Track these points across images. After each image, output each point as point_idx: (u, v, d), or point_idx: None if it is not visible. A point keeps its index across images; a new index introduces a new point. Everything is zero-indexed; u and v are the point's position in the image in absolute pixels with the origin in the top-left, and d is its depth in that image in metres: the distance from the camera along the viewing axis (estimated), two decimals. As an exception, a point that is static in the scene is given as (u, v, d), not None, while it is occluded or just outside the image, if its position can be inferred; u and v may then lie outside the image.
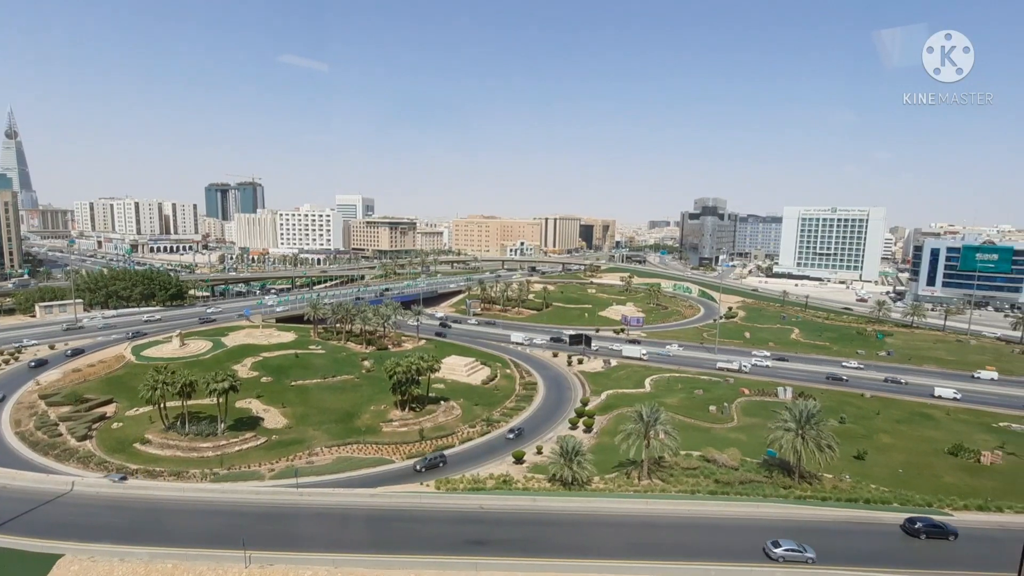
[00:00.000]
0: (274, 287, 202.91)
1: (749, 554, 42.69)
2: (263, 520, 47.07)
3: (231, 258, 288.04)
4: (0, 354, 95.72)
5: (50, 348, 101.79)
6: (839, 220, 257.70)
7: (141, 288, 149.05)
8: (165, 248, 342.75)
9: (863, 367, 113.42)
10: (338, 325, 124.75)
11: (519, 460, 64.65)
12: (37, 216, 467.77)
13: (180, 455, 64.88)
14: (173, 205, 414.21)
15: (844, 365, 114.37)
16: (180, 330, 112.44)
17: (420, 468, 61.72)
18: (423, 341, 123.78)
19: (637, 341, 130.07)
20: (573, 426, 77.13)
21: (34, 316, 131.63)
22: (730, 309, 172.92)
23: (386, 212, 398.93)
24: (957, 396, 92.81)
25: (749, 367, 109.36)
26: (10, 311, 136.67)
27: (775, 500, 53.52)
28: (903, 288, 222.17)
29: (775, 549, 42.42)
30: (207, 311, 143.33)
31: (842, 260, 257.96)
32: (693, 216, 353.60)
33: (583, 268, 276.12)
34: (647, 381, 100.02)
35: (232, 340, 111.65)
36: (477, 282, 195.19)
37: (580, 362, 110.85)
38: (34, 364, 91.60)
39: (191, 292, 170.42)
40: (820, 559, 41.87)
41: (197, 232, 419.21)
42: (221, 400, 69.81)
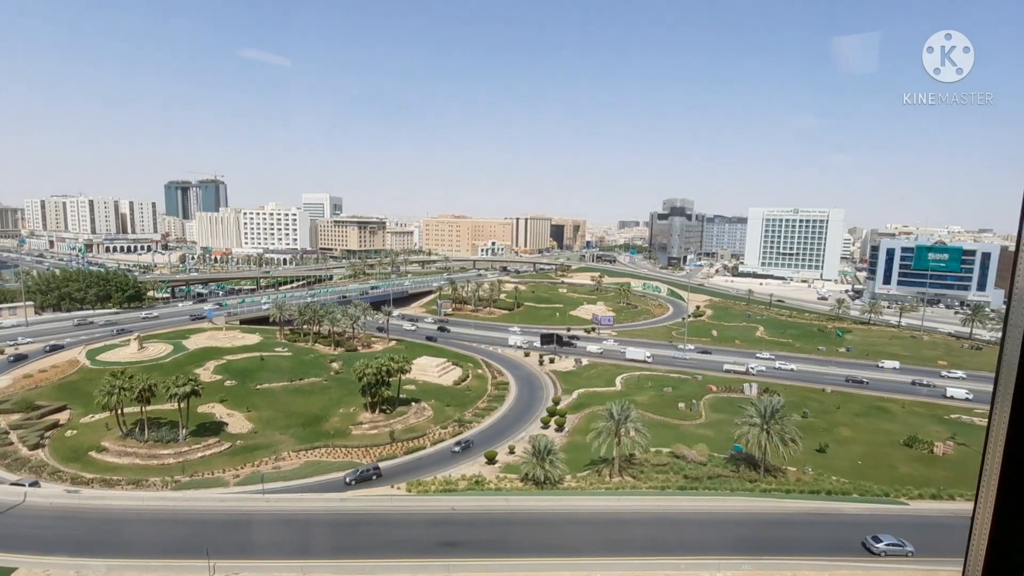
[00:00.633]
0: (238, 287, 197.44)
1: (718, 547, 43.60)
2: (228, 528, 45.65)
3: (192, 258, 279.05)
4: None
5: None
6: (801, 221, 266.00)
7: (96, 290, 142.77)
8: (122, 248, 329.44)
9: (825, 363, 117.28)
10: (305, 327, 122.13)
11: (491, 460, 64.48)
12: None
13: (139, 463, 62.39)
14: (130, 203, 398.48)
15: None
16: (138, 333, 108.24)
17: (350, 481, 57.52)
18: (393, 342, 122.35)
19: (639, 343, 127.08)
20: (545, 425, 77.41)
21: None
22: (698, 308, 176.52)
23: (355, 211, 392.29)
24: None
25: (756, 370, 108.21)
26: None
27: (742, 494, 54.86)
28: (861, 286, 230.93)
29: (876, 544, 42.74)
30: (151, 314, 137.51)
31: (804, 260, 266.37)
32: (662, 216, 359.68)
33: (554, 268, 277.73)
34: (618, 379, 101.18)
35: (194, 343, 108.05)
36: (448, 282, 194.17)
37: (552, 361, 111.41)
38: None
39: (150, 293, 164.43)
40: (787, 550, 43.09)
41: (156, 231, 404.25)
42: (182, 405, 67.37)
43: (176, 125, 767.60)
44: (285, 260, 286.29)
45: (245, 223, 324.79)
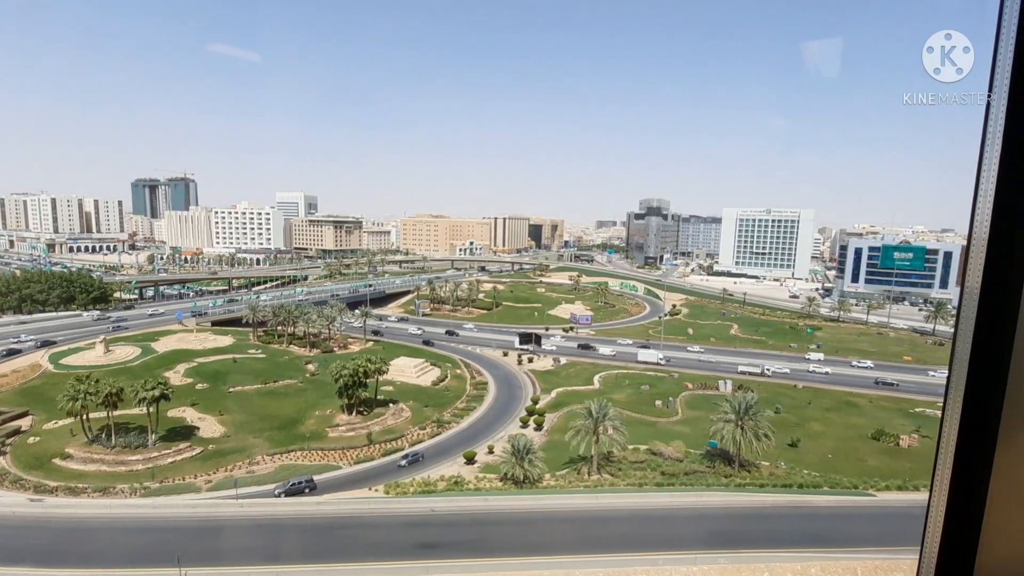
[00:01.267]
0: (209, 288, 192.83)
1: (694, 542, 44.30)
2: (200, 535, 44.58)
3: (161, 258, 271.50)
4: None
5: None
6: (773, 221, 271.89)
7: (59, 291, 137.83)
8: (87, 248, 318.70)
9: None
10: (280, 328, 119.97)
11: (470, 461, 64.34)
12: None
13: (106, 469, 60.42)
14: (95, 202, 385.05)
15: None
16: (104, 335, 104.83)
17: (279, 493, 54.80)
18: (370, 343, 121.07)
19: (648, 345, 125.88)
20: (524, 424, 77.57)
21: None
22: (674, 307, 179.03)
23: (330, 211, 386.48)
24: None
25: (770, 371, 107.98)
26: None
27: (717, 489, 55.92)
28: (831, 285, 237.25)
29: None
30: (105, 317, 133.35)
31: (776, 259, 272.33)
32: (638, 216, 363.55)
33: (533, 267, 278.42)
34: (596, 378, 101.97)
35: (163, 345, 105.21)
36: (426, 282, 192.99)
37: (530, 360, 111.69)
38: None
39: (116, 294, 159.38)
40: (761, 543, 43.99)
41: (123, 231, 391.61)
42: (151, 409, 65.46)
43: (143, 122, 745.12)
44: (258, 260, 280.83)
45: (216, 222, 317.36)
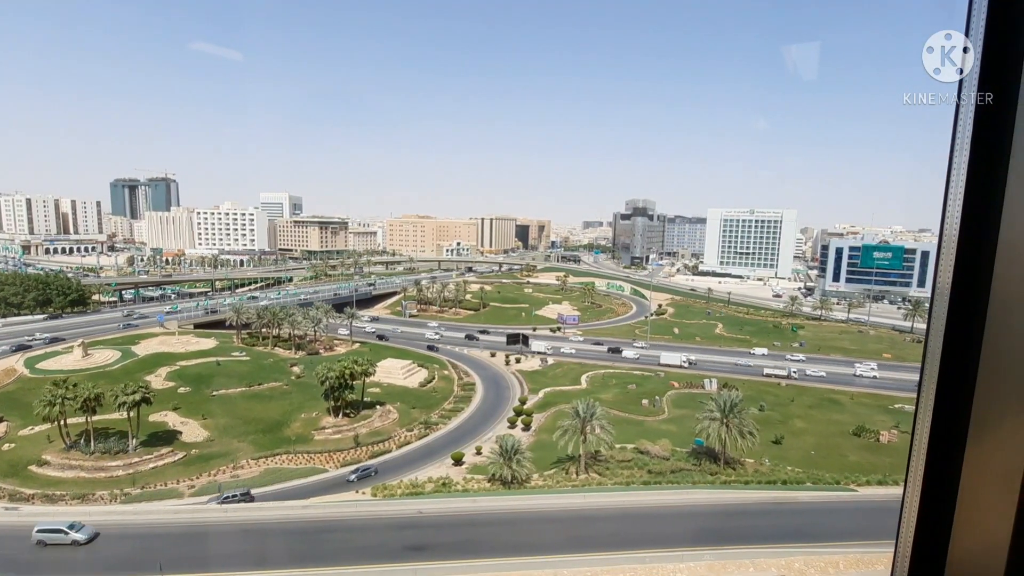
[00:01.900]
0: (192, 290, 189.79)
1: (681, 539, 44.64)
2: (183, 541, 43.85)
3: (142, 260, 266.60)
4: None
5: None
6: (756, 221, 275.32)
7: (35, 294, 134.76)
8: (64, 249, 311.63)
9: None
10: (264, 330, 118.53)
11: (458, 462, 64.19)
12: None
13: (85, 476, 59.23)
14: (72, 202, 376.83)
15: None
16: (83, 338, 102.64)
17: (219, 502, 52.94)
18: (357, 344, 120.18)
19: (675, 348, 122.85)
20: (512, 425, 77.60)
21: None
22: (660, 306, 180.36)
23: (315, 211, 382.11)
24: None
25: (796, 372, 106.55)
26: None
27: (703, 486, 56.46)
28: (813, 284, 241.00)
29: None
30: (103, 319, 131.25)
31: (760, 259, 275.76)
32: (625, 217, 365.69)
33: (520, 268, 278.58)
34: (583, 378, 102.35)
35: (144, 348, 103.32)
36: (413, 283, 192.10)
37: (518, 361, 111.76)
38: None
39: (95, 297, 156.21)
40: (746, 539, 44.48)
41: (102, 232, 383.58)
42: (132, 414, 64.31)
43: (122, 121, 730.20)
44: (242, 261, 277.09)
45: (199, 223, 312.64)
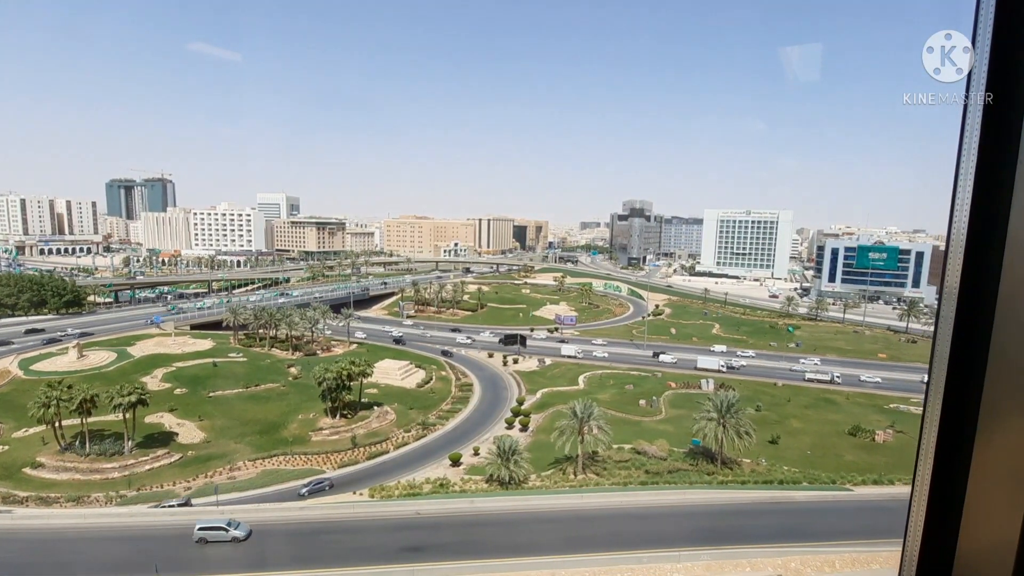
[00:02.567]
0: (188, 291, 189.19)
1: (678, 539, 44.73)
2: (179, 543, 43.67)
3: (138, 261, 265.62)
4: None
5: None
6: (753, 222, 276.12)
7: (30, 295, 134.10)
8: (59, 250, 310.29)
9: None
10: (261, 331, 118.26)
11: (456, 463, 64.16)
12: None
13: (80, 478, 58.94)
14: (68, 203, 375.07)
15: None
16: (77, 340, 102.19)
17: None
18: (354, 345, 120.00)
19: (715, 350, 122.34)
20: (510, 425, 77.57)
21: None
22: (657, 307, 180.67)
23: (313, 212, 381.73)
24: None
25: (838, 377, 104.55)
26: None
27: (700, 486, 56.54)
28: (808, 284, 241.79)
29: None
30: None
31: (756, 259, 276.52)
32: (622, 218, 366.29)
33: (517, 268, 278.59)
34: (580, 378, 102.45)
35: (140, 350, 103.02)
36: (411, 283, 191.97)
37: (515, 361, 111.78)
38: None
39: (91, 298, 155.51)
40: (743, 539, 44.62)
41: (97, 232, 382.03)
42: (128, 415, 64.08)
43: (118, 121, 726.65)
44: (239, 262, 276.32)
45: (195, 224, 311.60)
